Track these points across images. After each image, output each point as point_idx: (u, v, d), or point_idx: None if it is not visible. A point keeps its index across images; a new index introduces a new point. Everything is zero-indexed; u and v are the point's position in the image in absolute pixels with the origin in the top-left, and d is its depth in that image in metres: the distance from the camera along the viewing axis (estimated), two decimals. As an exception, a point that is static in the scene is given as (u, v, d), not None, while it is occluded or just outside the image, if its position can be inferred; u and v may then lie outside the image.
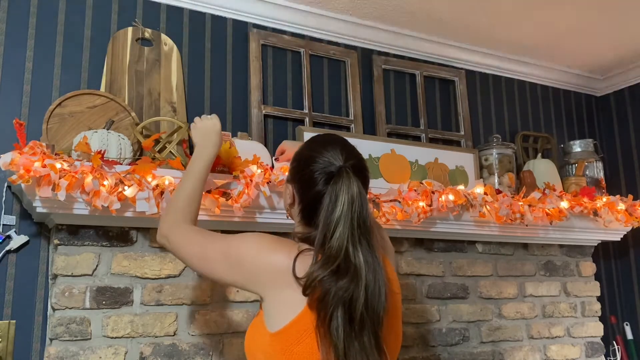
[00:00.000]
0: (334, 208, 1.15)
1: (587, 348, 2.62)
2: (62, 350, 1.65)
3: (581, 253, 2.70)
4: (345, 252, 1.12)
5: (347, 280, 1.10)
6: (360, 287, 1.10)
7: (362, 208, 1.17)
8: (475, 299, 2.39)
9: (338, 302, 1.08)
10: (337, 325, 1.08)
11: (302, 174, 1.25)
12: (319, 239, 1.14)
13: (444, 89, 2.76)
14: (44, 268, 1.82)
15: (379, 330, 1.13)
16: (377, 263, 1.15)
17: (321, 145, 1.26)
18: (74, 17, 2.02)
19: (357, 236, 1.14)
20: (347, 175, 1.18)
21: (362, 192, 1.18)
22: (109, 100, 1.94)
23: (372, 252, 1.15)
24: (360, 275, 1.11)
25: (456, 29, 2.61)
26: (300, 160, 1.28)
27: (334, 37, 2.50)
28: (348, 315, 1.09)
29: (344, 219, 1.14)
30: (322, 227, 1.15)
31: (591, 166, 2.80)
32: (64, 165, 1.55)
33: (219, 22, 2.28)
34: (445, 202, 2.12)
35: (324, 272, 1.09)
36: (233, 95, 2.25)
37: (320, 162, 1.22)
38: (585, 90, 3.21)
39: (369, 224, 1.18)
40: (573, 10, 2.46)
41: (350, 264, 1.12)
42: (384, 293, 1.14)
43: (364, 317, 1.10)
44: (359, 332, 1.10)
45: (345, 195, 1.16)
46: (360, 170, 1.24)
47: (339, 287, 1.09)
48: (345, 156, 1.22)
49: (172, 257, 1.83)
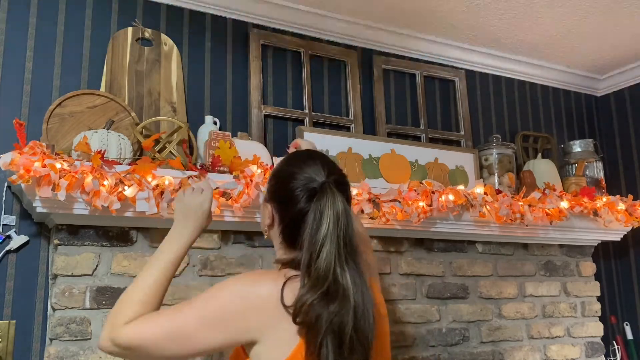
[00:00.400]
0: (319, 226, 1.07)
1: (587, 348, 2.62)
2: (62, 350, 1.65)
3: (581, 253, 2.70)
4: (334, 273, 1.05)
5: (338, 304, 1.03)
6: (349, 310, 1.04)
7: (348, 226, 1.09)
8: (475, 299, 2.39)
9: (329, 328, 1.02)
10: (327, 353, 1.01)
11: (281, 191, 1.17)
12: (305, 259, 1.06)
13: (444, 89, 2.76)
14: (44, 268, 1.82)
15: (369, 354, 1.06)
16: (364, 284, 1.08)
17: (301, 161, 1.18)
18: (74, 17, 2.02)
19: (344, 255, 1.07)
20: (331, 191, 1.10)
21: (347, 209, 1.11)
22: (109, 100, 1.94)
23: (359, 273, 1.09)
24: (348, 297, 1.05)
25: (456, 29, 2.61)
26: (279, 177, 1.20)
27: (334, 37, 2.50)
28: (338, 340, 1.02)
29: (329, 237, 1.06)
30: (308, 247, 1.07)
31: (591, 166, 2.80)
32: (64, 165, 1.55)
33: (219, 22, 2.28)
34: (445, 202, 2.12)
35: (313, 296, 1.02)
36: (233, 95, 2.25)
37: (301, 178, 1.14)
38: (585, 90, 3.21)
39: (355, 243, 1.10)
40: (573, 10, 2.46)
41: (339, 285, 1.05)
42: (371, 315, 1.07)
43: (353, 341, 1.03)
44: (349, 357, 1.03)
45: (331, 212, 1.08)
46: (343, 185, 1.17)
47: (331, 312, 1.02)
48: (327, 171, 1.15)
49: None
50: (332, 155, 2.23)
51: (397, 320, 2.18)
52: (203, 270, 1.88)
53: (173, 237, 1.26)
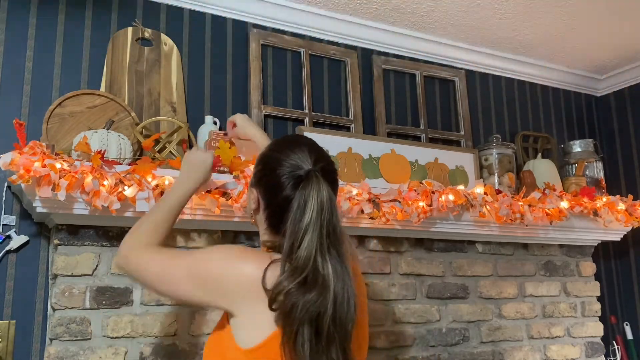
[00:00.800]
0: (303, 215, 1.07)
1: (587, 348, 2.62)
2: (62, 350, 1.65)
3: (581, 253, 2.70)
4: (314, 263, 1.05)
5: (316, 293, 1.03)
6: (329, 299, 1.04)
7: (332, 215, 1.09)
8: (475, 299, 2.39)
9: (305, 317, 1.02)
10: (303, 341, 1.01)
11: (267, 177, 1.17)
12: (287, 248, 1.07)
13: (444, 89, 2.76)
14: (44, 268, 1.82)
15: (347, 344, 1.06)
16: (346, 273, 1.08)
17: (288, 147, 1.17)
18: (74, 17, 2.02)
19: (327, 245, 1.07)
20: (317, 180, 1.10)
21: (332, 198, 1.11)
22: (109, 100, 1.94)
23: (341, 262, 1.08)
24: (328, 286, 1.04)
25: (456, 29, 2.61)
26: (266, 163, 1.19)
27: (334, 37, 2.50)
28: (315, 329, 1.02)
29: (312, 226, 1.07)
30: (290, 236, 1.07)
31: (591, 166, 2.80)
32: (64, 165, 1.55)
33: (219, 22, 2.29)
34: (445, 202, 2.12)
35: (290, 284, 1.02)
36: (233, 95, 2.25)
37: (287, 165, 1.13)
38: (585, 90, 3.21)
39: (338, 232, 1.10)
40: (573, 10, 2.46)
41: (318, 274, 1.05)
42: (353, 305, 1.07)
43: (331, 331, 1.03)
44: (327, 347, 1.03)
45: (315, 201, 1.08)
46: (330, 173, 1.16)
47: (307, 301, 1.02)
48: (314, 158, 1.14)
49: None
50: (332, 155, 2.23)
51: (397, 320, 2.18)
52: (203, 270, 1.87)
53: (179, 184, 1.39)
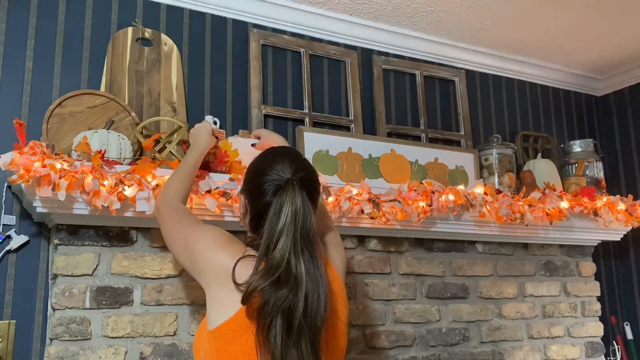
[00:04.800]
0: (278, 219, 1.19)
1: (587, 348, 2.62)
2: (62, 350, 1.65)
3: (581, 253, 2.70)
4: (287, 263, 1.16)
5: (287, 290, 1.14)
6: (300, 296, 1.14)
7: (306, 220, 1.20)
8: (475, 299, 2.39)
9: (277, 311, 1.12)
10: (275, 334, 1.12)
11: (252, 185, 1.29)
12: (262, 248, 1.18)
13: (444, 89, 2.76)
14: (44, 268, 1.82)
15: (317, 339, 1.16)
16: (319, 274, 1.19)
17: (271, 158, 1.30)
18: (74, 17, 2.02)
19: (300, 247, 1.18)
20: (293, 188, 1.22)
21: (306, 204, 1.22)
22: (109, 100, 1.94)
23: (314, 263, 1.19)
24: (300, 285, 1.15)
25: (456, 29, 2.61)
26: (252, 172, 1.32)
27: (334, 37, 2.50)
28: (286, 323, 1.13)
29: (286, 230, 1.18)
30: (266, 238, 1.19)
31: (591, 166, 2.80)
32: (64, 165, 1.55)
33: (219, 22, 2.29)
34: (445, 202, 2.12)
35: (264, 283, 1.13)
36: (233, 95, 2.25)
37: (270, 174, 1.25)
38: (585, 90, 3.22)
39: (312, 236, 1.21)
40: (573, 10, 2.46)
41: (290, 274, 1.15)
42: (323, 303, 1.17)
43: (302, 325, 1.14)
44: (297, 340, 1.13)
45: (289, 207, 1.19)
46: (309, 182, 1.28)
47: (278, 297, 1.13)
48: (294, 169, 1.25)
49: (172, 257, 1.83)
50: (332, 155, 2.23)
51: (397, 320, 2.18)
52: (203, 270, 1.88)
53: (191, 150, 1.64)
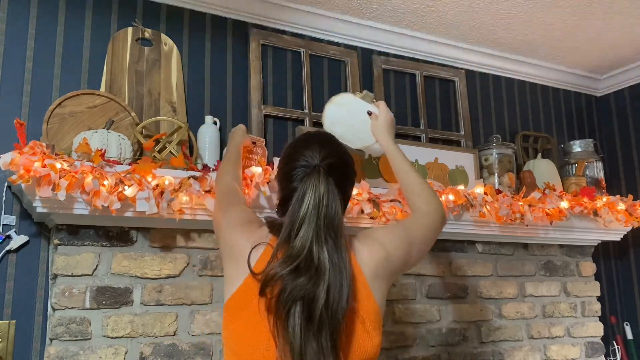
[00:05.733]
0: (300, 206, 1.16)
1: (587, 348, 2.62)
2: (62, 350, 1.65)
3: (581, 253, 2.70)
4: (308, 252, 1.11)
5: (306, 278, 1.09)
6: (322, 287, 1.09)
7: (330, 207, 1.17)
8: (475, 299, 2.39)
9: (295, 300, 1.07)
10: (294, 324, 1.06)
11: (283, 171, 1.29)
12: (284, 235, 1.15)
13: (444, 89, 2.76)
14: (44, 268, 1.82)
15: (336, 333, 1.09)
16: (343, 264, 1.13)
17: (302, 144, 1.29)
18: (74, 17, 2.02)
19: (323, 236, 1.14)
20: (318, 174, 1.19)
21: (331, 191, 1.18)
22: (109, 100, 1.94)
23: (338, 252, 1.14)
24: (322, 274, 1.10)
25: (456, 29, 2.61)
26: (283, 158, 1.32)
27: (334, 37, 2.50)
28: (307, 314, 1.07)
29: (309, 217, 1.14)
30: (288, 224, 1.16)
31: (591, 166, 2.80)
32: (64, 165, 1.55)
33: (219, 22, 2.28)
34: (445, 202, 2.12)
35: (282, 270, 1.09)
36: (233, 95, 2.25)
37: (299, 159, 1.24)
38: (585, 90, 3.22)
39: (337, 224, 1.17)
40: (573, 10, 2.46)
41: (312, 263, 1.11)
42: (346, 295, 1.10)
43: (323, 317, 1.07)
44: (317, 332, 1.07)
45: (312, 194, 1.16)
46: (338, 169, 1.24)
47: (296, 285, 1.08)
48: (322, 155, 1.23)
49: (172, 257, 1.83)
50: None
51: (397, 320, 2.18)
52: (203, 270, 1.88)
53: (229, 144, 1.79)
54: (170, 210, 1.70)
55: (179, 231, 1.85)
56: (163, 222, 1.77)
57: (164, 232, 1.83)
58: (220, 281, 1.89)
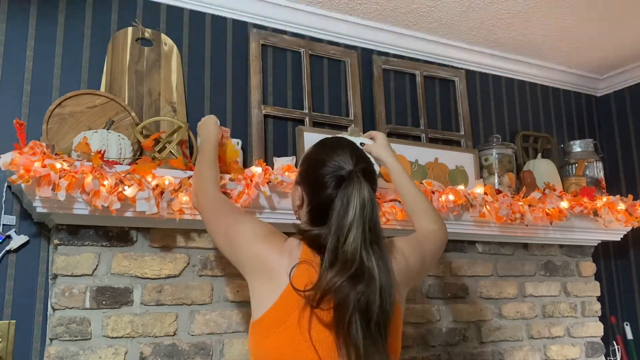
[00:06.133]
0: (347, 212, 1.16)
1: (587, 348, 2.62)
2: (62, 350, 1.65)
3: (581, 253, 2.70)
4: (360, 257, 1.13)
5: (364, 284, 1.11)
6: (376, 290, 1.12)
7: (373, 212, 1.19)
8: (475, 299, 2.39)
9: (357, 306, 1.10)
10: (356, 329, 1.10)
11: (312, 176, 1.27)
12: (332, 243, 1.15)
13: (444, 89, 2.76)
14: (44, 268, 1.82)
15: (387, 332, 1.15)
16: (387, 267, 1.17)
17: (331, 149, 1.28)
18: (74, 17, 2.02)
19: (369, 240, 1.16)
20: (358, 180, 1.19)
21: (372, 197, 1.20)
22: (109, 100, 1.94)
23: (382, 256, 1.17)
24: (375, 278, 1.13)
25: (456, 29, 2.61)
26: (310, 163, 1.30)
27: (334, 37, 2.50)
28: (366, 318, 1.11)
29: (356, 223, 1.15)
30: (335, 231, 1.16)
31: (591, 166, 2.80)
32: (64, 165, 1.55)
33: (219, 22, 2.29)
34: (445, 202, 2.12)
35: (342, 278, 1.10)
36: (233, 95, 2.25)
37: (330, 165, 1.24)
38: (585, 90, 3.22)
39: (379, 228, 1.20)
40: (573, 10, 2.46)
41: (364, 268, 1.13)
42: (391, 296, 1.16)
43: (379, 319, 1.12)
44: (376, 334, 1.12)
45: (357, 200, 1.17)
46: (370, 174, 1.26)
47: (358, 292, 1.10)
48: (355, 160, 1.24)
49: (172, 257, 1.83)
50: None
51: (397, 320, 2.18)
52: (203, 271, 1.88)
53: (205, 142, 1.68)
54: (170, 210, 1.70)
55: (179, 231, 1.85)
56: (163, 222, 1.77)
57: (164, 232, 1.84)
58: (220, 281, 1.89)
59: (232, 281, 1.91)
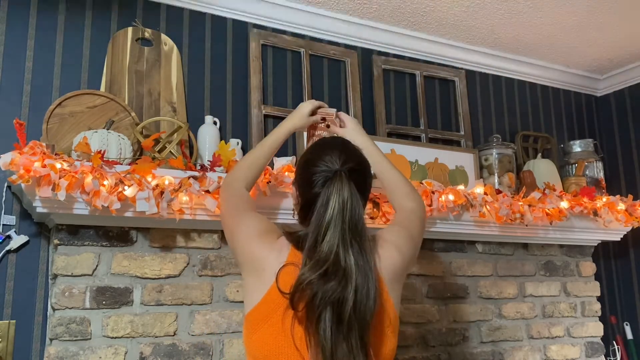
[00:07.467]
0: (325, 211, 1.17)
1: (587, 348, 2.62)
2: (62, 350, 1.65)
3: (581, 253, 2.70)
4: (336, 256, 1.13)
5: (335, 282, 1.11)
6: (350, 289, 1.11)
7: (354, 211, 1.18)
8: (475, 299, 2.39)
9: (326, 304, 1.10)
10: (324, 327, 1.09)
11: (303, 175, 1.29)
12: (310, 241, 1.16)
13: (444, 89, 2.76)
14: (44, 268, 1.82)
15: (366, 333, 1.13)
16: (368, 267, 1.16)
17: (321, 149, 1.30)
18: (74, 17, 2.02)
19: (349, 239, 1.16)
20: (341, 179, 1.20)
21: (354, 196, 1.20)
22: (109, 100, 1.94)
23: (363, 256, 1.16)
24: (349, 278, 1.12)
25: (456, 29, 2.61)
26: (303, 163, 1.32)
27: (334, 37, 2.50)
28: (336, 317, 1.10)
29: (334, 222, 1.16)
30: (314, 230, 1.17)
31: (591, 166, 2.80)
32: (64, 165, 1.55)
33: (219, 22, 2.29)
34: (445, 202, 2.12)
35: (312, 275, 1.11)
36: (233, 95, 2.25)
37: (319, 164, 1.25)
38: (585, 90, 3.22)
39: (360, 228, 1.19)
40: (573, 10, 2.46)
41: (339, 267, 1.13)
42: (372, 297, 1.14)
43: (352, 319, 1.11)
44: (347, 334, 1.10)
45: (337, 198, 1.17)
46: (358, 173, 1.26)
47: (326, 290, 1.10)
48: (342, 160, 1.24)
49: (172, 257, 1.83)
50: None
51: (397, 320, 2.18)
52: (203, 270, 1.88)
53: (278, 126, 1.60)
54: (170, 210, 1.70)
55: (179, 231, 1.85)
56: (163, 222, 1.77)
57: (164, 232, 1.84)
58: (220, 281, 1.90)
59: (232, 281, 1.91)
